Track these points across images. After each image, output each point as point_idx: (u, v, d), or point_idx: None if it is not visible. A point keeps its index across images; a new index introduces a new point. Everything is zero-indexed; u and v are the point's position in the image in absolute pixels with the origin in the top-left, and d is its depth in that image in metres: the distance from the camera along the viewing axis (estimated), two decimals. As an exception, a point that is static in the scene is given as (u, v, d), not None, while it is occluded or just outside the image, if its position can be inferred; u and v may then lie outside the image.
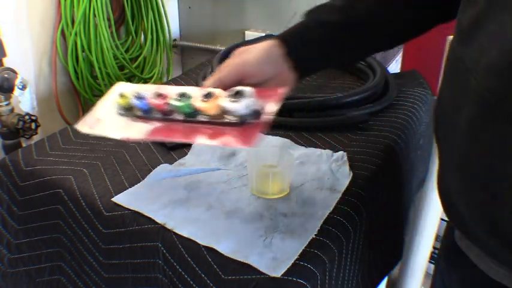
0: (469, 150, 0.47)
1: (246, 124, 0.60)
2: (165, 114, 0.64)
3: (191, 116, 0.62)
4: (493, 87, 0.43)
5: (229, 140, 0.58)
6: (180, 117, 0.63)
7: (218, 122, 0.61)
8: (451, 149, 0.52)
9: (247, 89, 0.60)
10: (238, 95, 0.60)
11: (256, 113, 0.60)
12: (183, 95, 0.63)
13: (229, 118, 0.60)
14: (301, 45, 0.66)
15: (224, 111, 0.60)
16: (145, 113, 0.65)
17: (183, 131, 0.62)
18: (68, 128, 0.95)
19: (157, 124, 0.64)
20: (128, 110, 0.66)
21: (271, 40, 0.66)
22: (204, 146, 0.85)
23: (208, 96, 0.61)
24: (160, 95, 0.64)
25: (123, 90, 0.67)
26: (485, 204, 0.47)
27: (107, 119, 0.67)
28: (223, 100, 0.60)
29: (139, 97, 0.64)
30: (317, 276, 0.60)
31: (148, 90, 0.66)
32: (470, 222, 0.51)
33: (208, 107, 0.61)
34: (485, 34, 0.46)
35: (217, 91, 0.62)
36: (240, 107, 0.59)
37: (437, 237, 1.52)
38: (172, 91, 0.65)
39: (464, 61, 0.48)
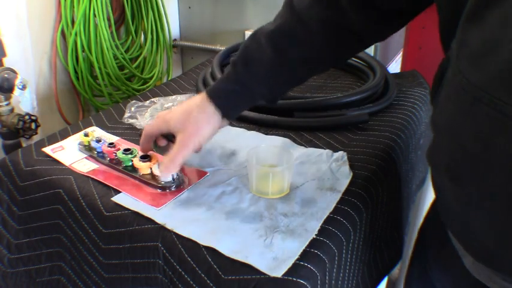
0: None
1: (166, 190, 0.73)
2: (111, 160, 0.80)
3: (129, 168, 0.77)
4: None
5: (145, 198, 0.71)
6: (121, 167, 0.78)
7: (144, 181, 0.74)
8: (481, 189, 0.46)
9: None
10: None
11: (177, 185, 0.73)
12: (128, 151, 0.78)
13: (155, 182, 0.73)
14: (230, 109, 0.74)
15: (153, 175, 0.74)
16: (98, 155, 0.81)
17: (117, 177, 0.77)
18: (68, 128, 0.95)
19: (102, 166, 0.80)
20: (87, 148, 0.84)
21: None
22: (204, 145, 0.85)
23: (145, 157, 0.76)
24: (112, 144, 0.81)
25: (89, 130, 0.86)
26: None
27: (68, 149, 0.85)
28: (154, 165, 0.74)
29: (98, 140, 0.82)
30: (317, 276, 0.60)
31: (109, 138, 0.87)
32: (504, 259, 0.48)
33: (142, 167, 0.75)
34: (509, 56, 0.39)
35: (154, 156, 0.76)
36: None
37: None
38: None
39: (486, 89, 0.41)
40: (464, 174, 0.48)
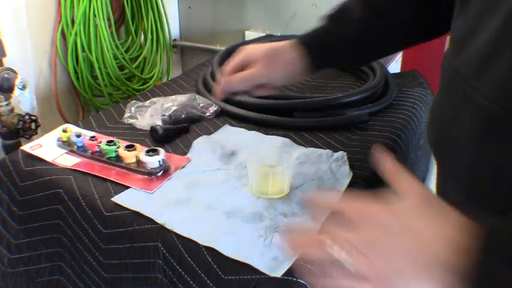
0: (477, 167, 0.45)
1: (152, 176, 0.76)
2: (93, 153, 0.82)
3: (113, 159, 0.80)
4: (500, 99, 0.41)
5: (134, 183, 0.74)
6: (104, 158, 0.80)
7: (131, 169, 0.78)
8: (455, 167, 0.49)
9: (161, 150, 0.77)
10: (152, 152, 0.76)
11: (164, 171, 0.77)
12: (112, 142, 0.80)
13: (142, 169, 0.76)
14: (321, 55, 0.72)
15: (139, 162, 0.77)
16: (79, 149, 0.83)
17: (101, 167, 0.79)
18: (68, 128, 0.95)
19: (84, 159, 0.82)
20: (66, 144, 0.85)
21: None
22: (204, 146, 0.85)
23: (130, 147, 0.79)
24: (94, 138, 0.83)
25: (67, 126, 0.88)
26: None
27: (46, 146, 0.86)
28: (141, 153, 0.77)
29: (78, 135, 0.84)
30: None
31: (85, 133, 0.87)
32: None
33: (128, 156, 0.78)
34: (481, 45, 0.44)
35: (138, 146, 0.80)
36: (152, 160, 0.76)
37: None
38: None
39: (460, 72, 0.46)
40: (439, 150, 0.53)
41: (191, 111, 0.96)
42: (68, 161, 0.82)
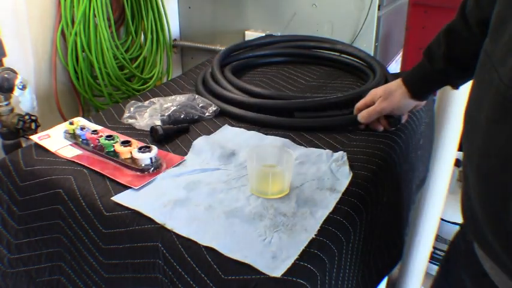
0: (487, 148, 0.48)
1: (144, 172, 0.78)
2: (95, 147, 0.85)
3: (111, 154, 0.82)
4: None
5: (123, 179, 0.76)
6: (103, 152, 0.83)
7: (125, 164, 0.80)
8: (471, 148, 0.52)
9: (153, 147, 0.79)
10: (144, 148, 0.79)
11: (155, 167, 0.78)
12: (111, 137, 0.84)
13: (135, 165, 0.79)
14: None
15: (133, 158, 0.79)
16: (82, 142, 0.87)
17: (98, 162, 0.82)
18: (68, 128, 0.95)
19: (86, 152, 0.85)
20: (72, 136, 0.89)
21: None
22: (204, 146, 0.85)
23: (126, 143, 0.82)
24: (96, 132, 0.87)
25: (74, 120, 0.92)
26: (499, 211, 0.47)
27: (54, 137, 0.90)
28: (134, 150, 0.79)
29: (82, 128, 0.88)
30: (317, 276, 0.60)
31: (93, 127, 0.91)
32: (486, 232, 0.50)
33: (123, 151, 0.80)
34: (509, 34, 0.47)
35: (135, 142, 0.83)
36: (144, 157, 0.78)
37: (437, 237, 1.52)
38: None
39: (491, 58, 0.49)
40: (464, 135, 0.56)
41: (190, 111, 0.96)
42: (69, 152, 0.85)
